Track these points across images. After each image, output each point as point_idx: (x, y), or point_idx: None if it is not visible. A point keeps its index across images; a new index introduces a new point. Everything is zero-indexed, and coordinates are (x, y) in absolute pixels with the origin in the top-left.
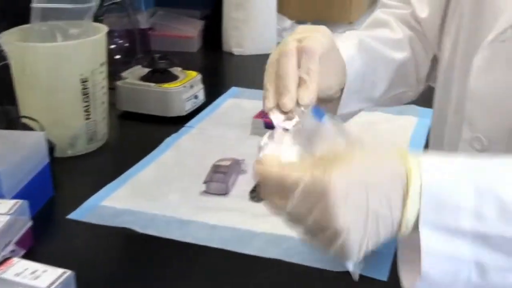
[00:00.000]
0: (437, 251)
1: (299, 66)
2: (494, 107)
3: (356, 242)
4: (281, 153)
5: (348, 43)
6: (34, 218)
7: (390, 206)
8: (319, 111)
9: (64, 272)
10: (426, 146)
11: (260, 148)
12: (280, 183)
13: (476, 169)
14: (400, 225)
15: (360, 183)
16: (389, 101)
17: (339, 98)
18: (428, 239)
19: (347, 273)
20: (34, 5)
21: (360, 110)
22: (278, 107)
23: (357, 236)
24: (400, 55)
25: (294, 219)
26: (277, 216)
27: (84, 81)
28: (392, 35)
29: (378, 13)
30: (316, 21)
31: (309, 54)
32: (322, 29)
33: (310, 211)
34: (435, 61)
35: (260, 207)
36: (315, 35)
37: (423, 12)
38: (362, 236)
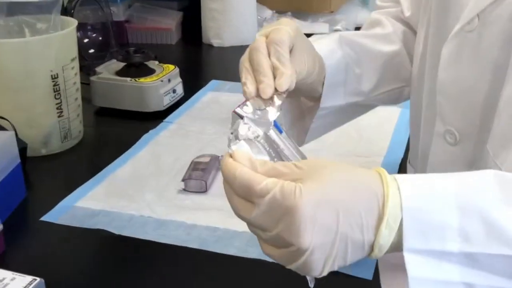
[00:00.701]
0: (424, 277)
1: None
2: (463, 100)
3: (320, 262)
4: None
5: (326, 39)
6: (6, 221)
7: (362, 228)
8: (278, 127)
9: (34, 280)
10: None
11: (229, 140)
12: (247, 186)
13: (456, 187)
14: (372, 247)
15: (332, 202)
16: (387, 97)
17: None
18: (414, 265)
19: (330, 273)
20: None
21: (351, 107)
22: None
23: (322, 256)
24: (388, 47)
25: (256, 227)
26: (239, 218)
27: (54, 77)
28: (381, 31)
29: (372, 14)
30: (296, 10)
31: (278, 43)
32: (285, 20)
33: (275, 223)
34: None
35: None
36: (280, 27)
37: (408, 11)
38: (327, 257)
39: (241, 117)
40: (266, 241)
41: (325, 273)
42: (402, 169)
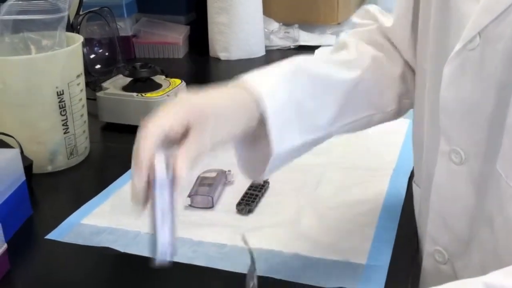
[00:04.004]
0: None
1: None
2: (467, 119)
3: None
4: None
5: (270, 76)
6: (11, 239)
7: None
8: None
9: None
10: None
11: None
12: None
13: None
14: None
15: None
16: (351, 127)
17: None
18: None
19: None
20: (3, 17)
21: (309, 144)
22: None
23: None
24: (350, 75)
25: None
26: None
27: (60, 94)
28: (344, 57)
29: (343, 36)
30: (303, 22)
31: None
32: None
33: None
34: (411, 77)
35: (248, 221)
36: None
37: (388, 21)
38: None
39: None
40: None
41: None
42: (411, 182)
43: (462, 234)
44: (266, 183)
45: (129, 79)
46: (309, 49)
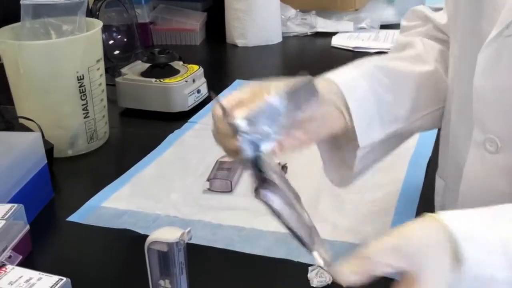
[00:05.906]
0: None
1: None
2: (505, 106)
3: None
4: None
5: (351, 71)
6: (33, 221)
7: None
8: None
9: (60, 279)
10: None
11: None
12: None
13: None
14: None
15: None
16: (427, 121)
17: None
18: None
19: None
20: (24, 2)
21: (391, 137)
22: None
23: None
24: (421, 68)
25: None
26: None
27: (80, 78)
28: (412, 52)
29: (400, 38)
30: (320, 9)
31: None
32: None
33: None
34: None
35: None
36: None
37: (442, 19)
38: None
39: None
40: None
41: None
42: (429, 169)
43: None
44: (284, 167)
45: (147, 65)
46: (326, 35)
